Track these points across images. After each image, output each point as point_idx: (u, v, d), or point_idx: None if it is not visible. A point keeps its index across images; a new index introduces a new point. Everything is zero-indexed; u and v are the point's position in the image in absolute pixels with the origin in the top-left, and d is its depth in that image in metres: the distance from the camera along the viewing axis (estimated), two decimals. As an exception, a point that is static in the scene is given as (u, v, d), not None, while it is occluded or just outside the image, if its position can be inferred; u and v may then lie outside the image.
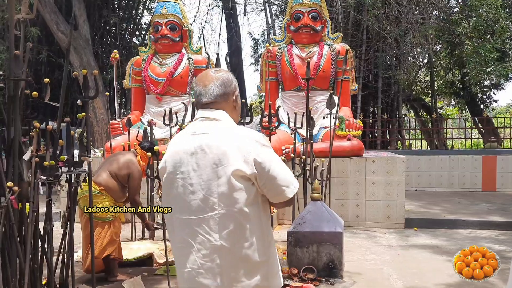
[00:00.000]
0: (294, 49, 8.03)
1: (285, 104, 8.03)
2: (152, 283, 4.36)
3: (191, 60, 8.31)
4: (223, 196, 1.71)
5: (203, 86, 1.85)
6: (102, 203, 4.27)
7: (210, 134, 1.77)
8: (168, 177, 1.82)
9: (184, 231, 1.76)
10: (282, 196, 1.76)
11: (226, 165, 1.71)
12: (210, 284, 1.73)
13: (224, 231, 1.71)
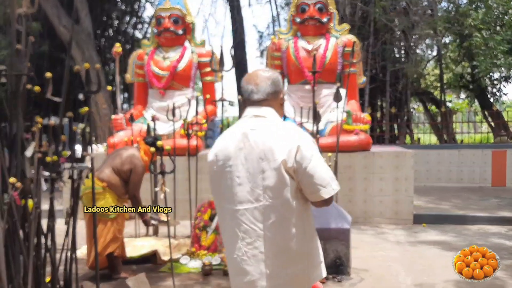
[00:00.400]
0: (300, 42, 7.99)
1: (291, 97, 8.00)
2: (157, 280, 4.38)
3: (195, 53, 8.29)
4: (268, 188, 1.84)
5: (255, 84, 1.99)
6: (105, 199, 4.29)
7: (258, 130, 1.91)
8: (218, 170, 1.97)
9: (232, 220, 1.91)
10: (317, 195, 1.85)
11: (271, 160, 1.84)
12: (253, 271, 1.87)
13: (268, 221, 1.85)
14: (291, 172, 1.83)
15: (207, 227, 5.31)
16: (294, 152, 1.82)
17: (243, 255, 1.88)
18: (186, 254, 5.12)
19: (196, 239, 5.26)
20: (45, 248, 3.18)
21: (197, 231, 5.28)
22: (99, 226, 4.25)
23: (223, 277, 4.47)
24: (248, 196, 1.88)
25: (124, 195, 4.48)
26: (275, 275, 1.87)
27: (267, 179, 1.84)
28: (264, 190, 1.85)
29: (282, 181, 1.83)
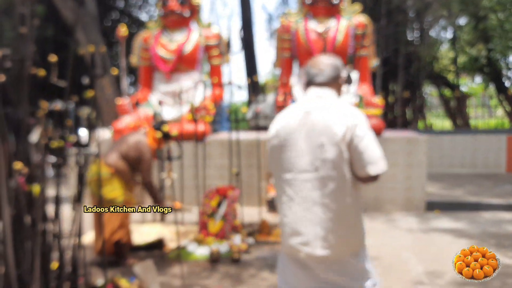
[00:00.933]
0: (310, 24, 7.90)
1: (301, 81, 7.95)
2: (164, 267, 4.42)
3: (202, 35, 8.24)
4: (326, 161, 2.11)
5: (319, 69, 2.30)
6: (112, 185, 4.32)
7: (320, 109, 2.19)
8: (279, 144, 2.25)
9: (291, 188, 2.20)
10: (365, 171, 2.10)
11: (330, 136, 2.10)
12: (308, 232, 2.15)
13: (325, 190, 2.12)
14: (346, 147, 2.09)
15: (214, 214, 5.34)
16: (350, 130, 2.08)
17: (301, 219, 2.16)
18: (194, 241, 5.16)
19: (204, 226, 5.29)
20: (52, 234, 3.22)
21: (204, 218, 5.32)
22: (107, 213, 4.29)
23: (231, 264, 4.50)
24: (308, 167, 2.15)
25: (131, 181, 4.50)
26: (328, 237, 2.13)
27: (326, 152, 2.11)
28: (323, 162, 2.12)
29: (339, 155, 2.10)
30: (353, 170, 2.14)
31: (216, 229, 5.22)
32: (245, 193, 7.02)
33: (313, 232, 2.14)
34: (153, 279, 3.79)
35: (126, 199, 4.42)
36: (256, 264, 4.49)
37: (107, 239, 4.28)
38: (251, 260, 4.65)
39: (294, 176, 2.19)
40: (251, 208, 6.69)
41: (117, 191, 4.34)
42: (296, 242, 2.18)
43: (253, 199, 6.96)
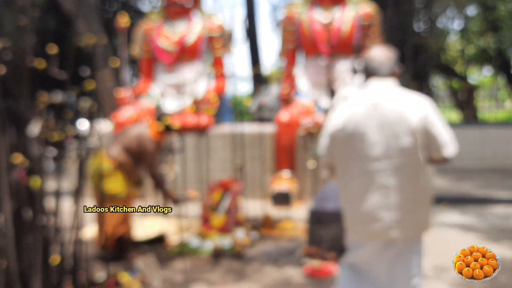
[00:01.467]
0: (314, 13, 7.84)
1: (305, 72, 7.92)
2: (166, 261, 4.44)
3: (205, 26, 8.21)
4: (401, 149, 2.28)
5: (380, 61, 2.46)
6: (115, 179, 4.33)
7: (388, 99, 2.34)
8: (347, 135, 2.38)
9: (365, 177, 2.35)
10: (440, 154, 2.29)
11: (405, 124, 2.27)
12: (386, 217, 2.32)
13: (400, 176, 2.29)
14: (420, 134, 2.27)
15: (217, 207, 5.35)
16: (424, 118, 2.26)
17: (378, 205, 2.33)
18: (196, 235, 5.18)
19: (207, 219, 5.31)
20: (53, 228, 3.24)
21: (207, 212, 5.33)
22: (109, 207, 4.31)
23: (234, 259, 4.52)
24: (382, 155, 2.31)
25: (134, 175, 4.51)
26: (405, 221, 2.32)
27: (401, 141, 2.28)
28: (398, 150, 2.29)
29: (414, 142, 2.27)
30: (427, 155, 2.32)
31: (219, 223, 5.24)
32: (249, 186, 7.03)
33: (391, 217, 2.32)
34: (155, 273, 3.82)
35: (129, 193, 4.43)
36: (259, 259, 4.51)
37: (110, 233, 4.30)
38: (255, 254, 4.66)
39: (368, 165, 2.34)
40: (254, 202, 6.71)
41: (120, 185, 4.35)
42: (373, 229, 2.35)
43: (257, 193, 6.97)
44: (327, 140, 2.50)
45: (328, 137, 2.49)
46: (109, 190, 4.28)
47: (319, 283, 3.82)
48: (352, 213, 2.45)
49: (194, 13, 8.34)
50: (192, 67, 8.15)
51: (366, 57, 2.51)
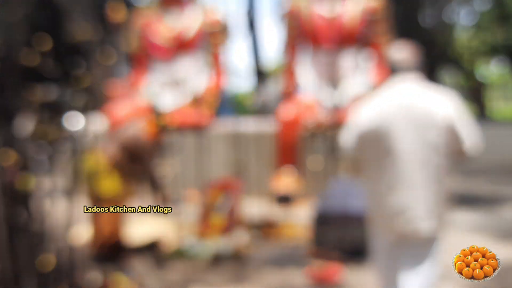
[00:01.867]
0: (317, 7, 7.83)
1: (308, 67, 7.90)
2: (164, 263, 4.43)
3: (204, 20, 8.19)
4: (432, 144, 2.40)
5: (406, 56, 2.56)
6: (111, 179, 4.32)
7: (415, 95, 2.46)
8: (376, 131, 2.47)
9: (395, 172, 2.44)
10: (462, 149, 2.43)
11: (433, 122, 2.38)
12: (415, 210, 2.42)
13: (428, 171, 2.41)
14: (448, 131, 2.39)
15: (217, 207, 5.34)
16: (452, 116, 2.39)
17: (407, 199, 2.43)
18: (195, 235, 5.17)
19: (206, 219, 5.30)
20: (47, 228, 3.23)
21: (206, 211, 5.32)
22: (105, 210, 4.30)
23: (234, 260, 4.51)
24: (412, 151, 2.41)
25: (129, 174, 4.50)
26: (431, 214, 2.44)
27: (431, 136, 2.39)
28: (427, 146, 2.40)
29: (442, 139, 2.40)
30: (453, 151, 2.46)
31: (219, 223, 5.23)
32: (250, 185, 7.01)
33: (418, 212, 2.42)
34: (153, 275, 3.81)
35: (124, 192, 4.42)
36: (259, 260, 4.50)
37: (105, 234, 4.29)
38: (256, 255, 4.65)
39: (398, 161, 2.44)
40: (255, 201, 6.69)
41: (115, 185, 4.34)
42: (403, 222, 2.44)
43: (258, 192, 6.96)
44: (354, 137, 2.58)
45: (356, 135, 2.57)
46: (104, 190, 4.28)
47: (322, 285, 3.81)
48: (380, 209, 2.53)
49: (192, 6, 8.33)
50: (190, 62, 8.13)
51: (391, 53, 2.61)
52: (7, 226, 2.80)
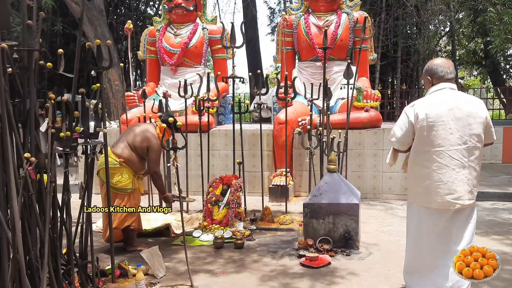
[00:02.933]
0: (311, 18, 7.86)
1: (302, 74, 7.92)
2: (170, 253, 4.43)
3: (206, 30, 8.22)
4: (473, 135, 2.86)
5: (448, 68, 2.99)
6: (122, 175, 4.32)
7: (459, 97, 2.92)
8: (429, 124, 2.87)
9: (442, 158, 2.87)
10: (492, 139, 3.01)
11: (476, 117, 2.86)
12: (461, 190, 2.86)
13: (471, 156, 2.87)
14: (484, 125, 2.89)
15: (219, 202, 5.34)
16: (487, 115, 2.91)
17: (454, 180, 2.86)
18: (198, 228, 5.17)
19: (208, 213, 5.30)
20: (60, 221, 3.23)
21: (209, 206, 5.32)
22: (116, 201, 4.30)
23: (235, 250, 4.51)
24: (458, 141, 2.85)
25: (140, 170, 4.50)
26: (472, 191, 2.89)
27: (473, 129, 2.85)
28: (470, 136, 2.85)
29: (481, 130, 2.87)
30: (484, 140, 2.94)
31: (220, 217, 5.23)
32: (248, 182, 7.03)
33: (463, 189, 2.86)
34: (159, 264, 3.81)
35: (135, 187, 4.42)
36: (258, 250, 4.50)
37: (117, 226, 4.29)
38: (254, 246, 4.65)
39: (447, 149, 2.85)
40: (254, 197, 6.70)
41: (126, 180, 4.34)
42: (452, 198, 2.86)
43: (256, 188, 6.96)
44: (405, 131, 2.97)
45: (408, 129, 2.96)
46: (116, 184, 4.27)
47: (314, 273, 3.81)
48: (430, 188, 2.91)
49: (196, 17, 8.34)
50: (194, 68, 8.15)
51: (434, 64, 3.01)
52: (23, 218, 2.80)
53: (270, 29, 17.28)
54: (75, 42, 12.44)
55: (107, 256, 4.14)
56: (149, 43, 8.40)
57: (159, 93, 7.84)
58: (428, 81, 3.05)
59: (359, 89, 7.07)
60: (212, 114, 7.58)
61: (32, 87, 2.87)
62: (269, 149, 7.19)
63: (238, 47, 5.75)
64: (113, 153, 4.32)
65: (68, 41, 12.79)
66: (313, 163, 6.00)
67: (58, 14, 12.18)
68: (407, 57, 13.23)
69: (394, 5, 11.66)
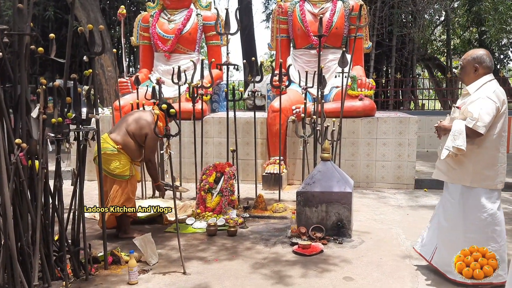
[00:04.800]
0: (306, 5, 7.80)
1: (296, 62, 7.88)
2: (162, 240, 4.44)
3: (200, 16, 8.14)
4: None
5: (491, 59, 3.24)
6: (120, 161, 4.29)
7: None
8: (504, 111, 3.15)
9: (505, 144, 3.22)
10: None
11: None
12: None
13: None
14: None
15: (212, 190, 5.34)
16: None
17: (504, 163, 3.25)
18: (192, 216, 5.17)
19: (202, 201, 5.29)
20: (52, 207, 3.21)
21: (202, 193, 5.32)
22: (114, 187, 4.28)
23: (227, 238, 4.52)
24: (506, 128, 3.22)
25: (137, 158, 4.47)
26: None
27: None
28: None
29: None
30: None
31: (214, 204, 5.23)
32: (242, 170, 7.03)
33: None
34: (152, 251, 3.81)
35: (132, 174, 4.40)
36: (251, 238, 4.51)
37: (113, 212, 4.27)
38: (247, 233, 4.67)
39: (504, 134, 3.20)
40: (247, 184, 6.70)
41: (124, 166, 4.31)
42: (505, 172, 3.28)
43: (250, 176, 6.97)
44: (493, 116, 3.09)
45: (495, 114, 3.10)
46: (114, 171, 4.25)
47: (306, 261, 3.83)
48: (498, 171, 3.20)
49: (190, 3, 8.25)
50: (188, 55, 8.09)
51: (481, 54, 3.20)
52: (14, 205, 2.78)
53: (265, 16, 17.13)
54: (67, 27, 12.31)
55: (99, 242, 4.13)
56: (142, 29, 8.31)
57: (153, 80, 7.78)
58: (473, 69, 3.20)
59: (353, 78, 7.06)
60: (206, 102, 7.54)
61: (23, 72, 2.83)
62: (263, 137, 7.18)
63: (233, 34, 5.70)
64: (112, 139, 4.30)
65: (60, 26, 12.62)
66: (306, 151, 6.00)
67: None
68: (402, 46, 13.22)
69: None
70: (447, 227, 3.34)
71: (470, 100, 3.19)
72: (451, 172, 3.32)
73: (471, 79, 3.25)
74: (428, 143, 10.41)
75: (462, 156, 3.19)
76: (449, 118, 3.38)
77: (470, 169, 3.21)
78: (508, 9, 10.42)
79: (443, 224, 3.38)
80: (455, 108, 3.34)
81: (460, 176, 3.26)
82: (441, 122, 3.41)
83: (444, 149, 3.18)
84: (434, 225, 3.51)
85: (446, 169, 3.36)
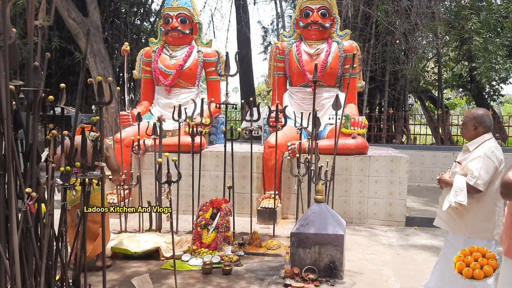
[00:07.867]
0: (302, 45, 8.06)
1: (292, 99, 8.10)
2: (159, 278, 4.51)
3: (201, 53, 8.37)
4: None
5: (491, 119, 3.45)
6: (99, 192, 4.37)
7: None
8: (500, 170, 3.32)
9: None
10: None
11: None
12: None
13: None
14: None
15: (208, 226, 5.44)
16: None
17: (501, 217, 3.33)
18: (188, 252, 5.26)
19: (198, 237, 5.39)
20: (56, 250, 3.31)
21: (198, 229, 5.41)
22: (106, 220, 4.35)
23: (223, 276, 4.60)
24: None
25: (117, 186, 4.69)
26: None
27: None
28: None
29: None
30: None
31: (209, 240, 5.32)
32: (238, 203, 7.14)
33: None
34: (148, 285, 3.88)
35: None
36: (246, 277, 4.59)
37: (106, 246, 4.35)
38: (242, 272, 4.75)
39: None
40: (243, 218, 6.80)
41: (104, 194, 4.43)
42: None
43: (245, 209, 7.08)
44: (491, 174, 3.29)
45: (493, 172, 3.29)
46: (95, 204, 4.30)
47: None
48: (496, 223, 3.33)
49: (191, 40, 8.49)
50: (188, 90, 8.28)
51: (481, 114, 3.41)
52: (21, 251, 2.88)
53: (263, 47, 17.47)
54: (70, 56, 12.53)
55: (98, 280, 4.20)
56: (144, 63, 8.53)
57: (153, 113, 7.94)
58: (473, 127, 3.42)
59: (347, 116, 7.25)
60: (204, 135, 7.70)
61: (36, 124, 2.96)
62: (259, 171, 7.31)
63: (232, 75, 5.90)
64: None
65: (63, 55, 12.84)
66: (301, 189, 6.14)
67: (54, 28, 12.25)
68: (394, 81, 13.50)
69: (383, 32, 11.93)
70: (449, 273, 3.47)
71: (470, 157, 3.40)
72: (452, 222, 3.49)
73: (472, 136, 3.47)
74: (420, 178, 10.57)
75: (463, 209, 3.35)
76: (450, 172, 3.59)
77: (470, 221, 3.38)
78: (497, 48, 10.74)
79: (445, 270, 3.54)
80: (456, 163, 3.54)
81: (460, 227, 3.43)
82: (442, 175, 3.61)
83: (446, 201, 3.37)
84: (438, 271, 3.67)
85: (447, 219, 3.53)
